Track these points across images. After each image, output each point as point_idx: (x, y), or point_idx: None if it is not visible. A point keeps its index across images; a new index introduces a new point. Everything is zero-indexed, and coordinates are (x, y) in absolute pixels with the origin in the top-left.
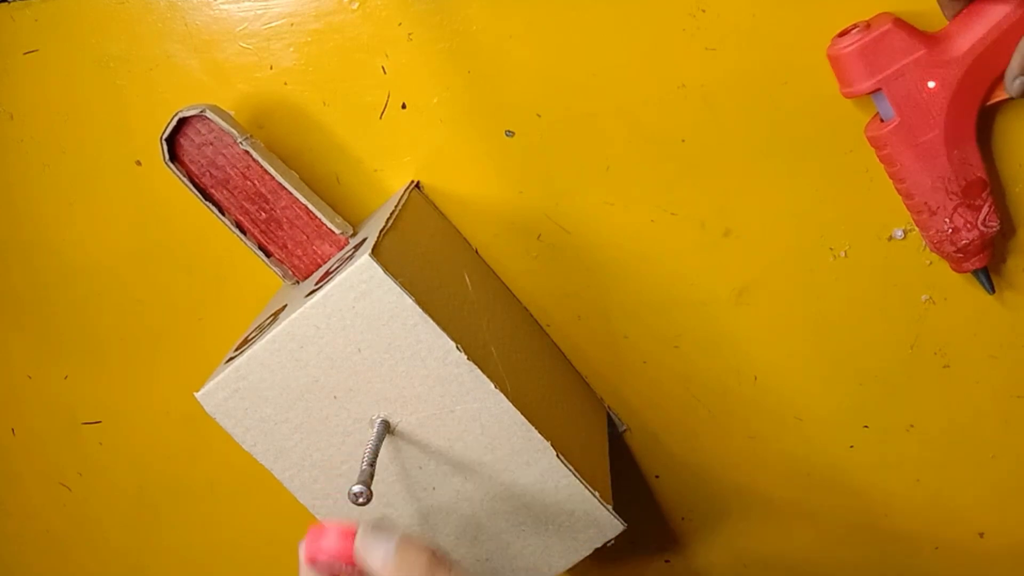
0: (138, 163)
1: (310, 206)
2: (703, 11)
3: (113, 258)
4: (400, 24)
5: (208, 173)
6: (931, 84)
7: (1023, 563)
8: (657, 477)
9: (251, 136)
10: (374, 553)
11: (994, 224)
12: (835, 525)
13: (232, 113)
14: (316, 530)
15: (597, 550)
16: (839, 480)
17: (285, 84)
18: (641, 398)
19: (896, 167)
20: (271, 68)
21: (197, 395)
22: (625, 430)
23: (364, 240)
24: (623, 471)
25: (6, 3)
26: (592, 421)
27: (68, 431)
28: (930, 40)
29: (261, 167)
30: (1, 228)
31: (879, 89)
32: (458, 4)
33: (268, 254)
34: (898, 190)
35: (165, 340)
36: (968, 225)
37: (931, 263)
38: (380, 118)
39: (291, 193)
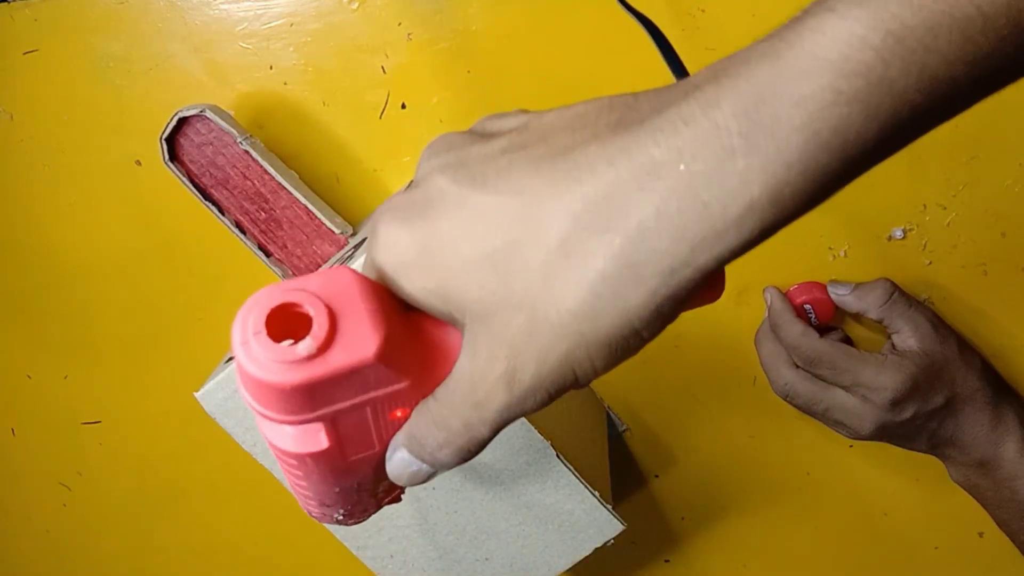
0: (138, 163)
1: (310, 206)
2: (703, 11)
3: (113, 258)
4: (400, 24)
5: (208, 173)
6: (399, 414)
7: (1023, 563)
8: (657, 477)
9: (251, 136)
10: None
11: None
12: (835, 525)
13: (232, 113)
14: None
15: (597, 550)
16: (839, 480)
17: (285, 84)
18: (641, 398)
19: (309, 482)
20: (271, 68)
21: (196, 395)
22: (625, 430)
23: (364, 240)
24: (623, 471)
25: (6, 3)
26: (592, 421)
27: (68, 431)
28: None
29: (261, 167)
30: (1, 228)
31: (310, 416)
32: (458, 4)
33: (268, 254)
34: (288, 478)
35: (165, 340)
36: (365, 510)
37: (931, 263)
38: (380, 118)
39: (291, 193)
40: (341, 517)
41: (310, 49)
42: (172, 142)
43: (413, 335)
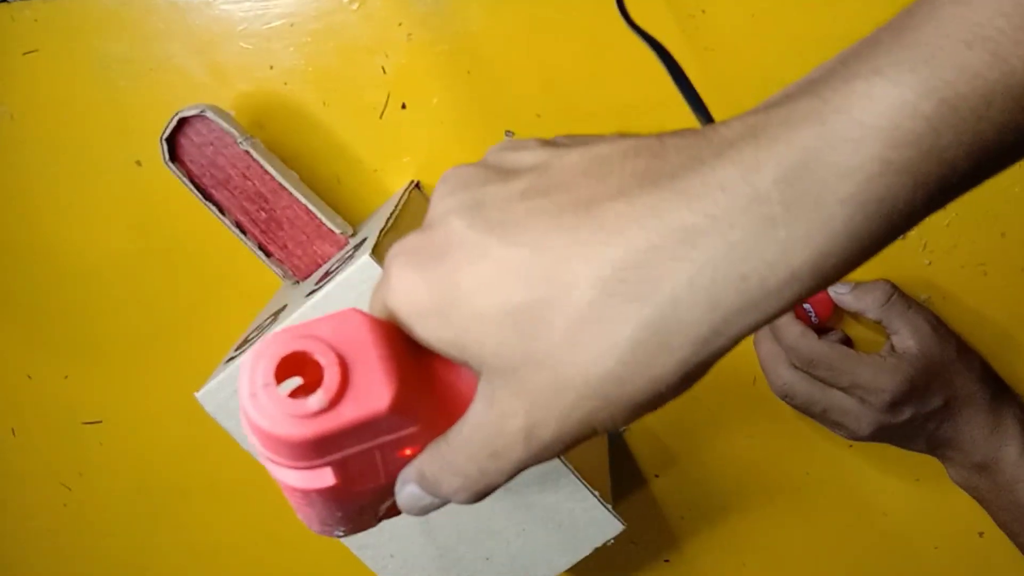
0: (138, 163)
1: (310, 206)
2: (703, 11)
3: (113, 258)
4: (400, 24)
5: (208, 173)
6: (408, 451)
7: (1023, 563)
8: (657, 477)
9: (251, 136)
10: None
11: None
12: (834, 525)
13: (232, 113)
14: None
15: (597, 549)
16: (838, 480)
17: (285, 84)
18: None
19: (313, 509)
20: (271, 68)
21: (197, 395)
22: (625, 430)
23: (364, 240)
24: (623, 471)
25: (6, 3)
26: None
27: (68, 431)
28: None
29: (261, 167)
30: (1, 228)
31: (318, 463)
32: (458, 5)
33: (268, 254)
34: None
35: (165, 340)
36: (367, 524)
37: (930, 263)
38: (380, 118)
39: (291, 193)
40: (341, 533)
41: (310, 49)
42: (172, 142)
43: (425, 378)
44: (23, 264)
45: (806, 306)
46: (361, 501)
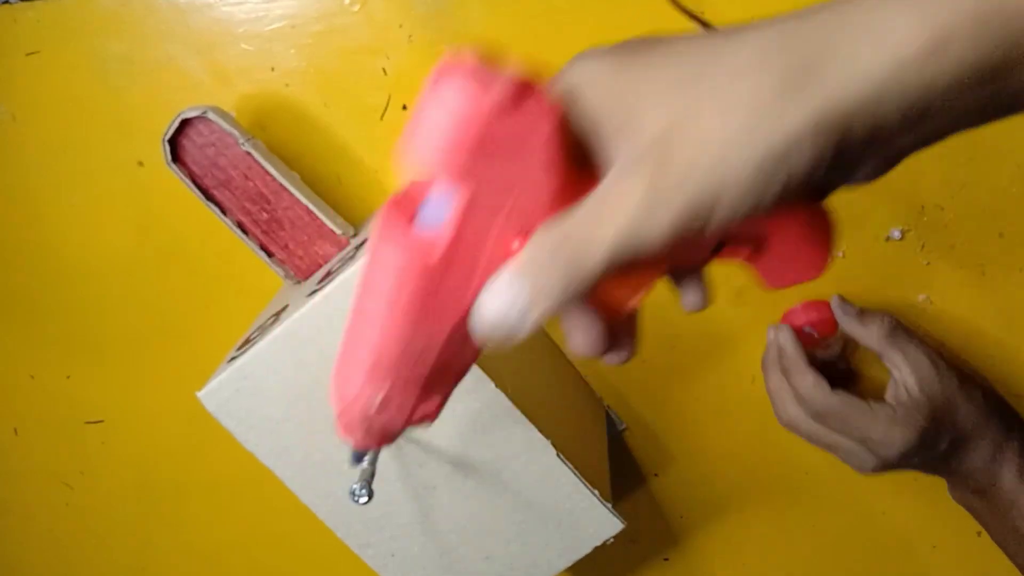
0: (140, 164)
1: (311, 207)
2: (702, 12)
3: (115, 258)
4: (401, 26)
5: (210, 174)
6: (515, 244)
7: None
8: (656, 476)
9: (253, 137)
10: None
11: (428, 422)
12: (834, 524)
13: (234, 114)
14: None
15: (597, 549)
16: (838, 480)
17: (287, 85)
18: (641, 398)
19: (376, 300)
20: (273, 70)
21: (199, 395)
22: (624, 429)
23: (365, 240)
24: (623, 470)
25: (8, 4)
26: (592, 420)
27: (70, 431)
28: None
29: (263, 168)
30: (3, 228)
31: (461, 183)
32: (459, 6)
33: (270, 254)
34: (353, 309)
35: (167, 340)
36: (401, 408)
37: (929, 263)
38: (381, 119)
39: (292, 194)
40: (376, 407)
41: (312, 51)
42: (174, 143)
43: (573, 177)
44: (25, 264)
45: (808, 328)
46: (432, 331)
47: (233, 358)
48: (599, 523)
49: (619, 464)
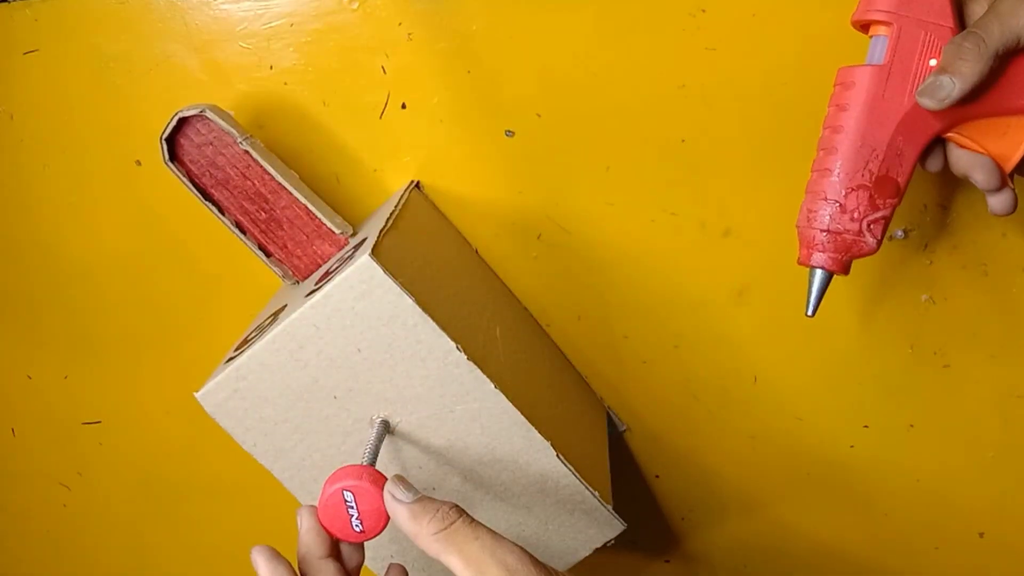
0: (138, 163)
1: (310, 206)
2: (703, 11)
3: (113, 258)
4: (400, 24)
5: (208, 173)
6: (932, 62)
7: (1023, 563)
8: (657, 477)
9: (251, 136)
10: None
11: (873, 239)
12: (835, 525)
13: (232, 113)
14: (344, 469)
15: (597, 550)
16: (839, 480)
17: (285, 84)
18: (641, 398)
19: (844, 112)
20: (271, 68)
21: (197, 395)
22: (625, 430)
23: (364, 240)
24: (623, 471)
25: (6, 3)
26: (592, 421)
27: (68, 431)
28: (962, 25)
29: (261, 167)
30: (1, 228)
31: (889, 26)
32: (458, 4)
33: (268, 254)
34: (823, 137)
35: (165, 340)
36: (854, 214)
37: (931, 263)
38: (380, 118)
39: (291, 193)
40: (833, 216)
41: (310, 49)
42: (172, 142)
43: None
44: (23, 264)
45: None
46: (884, 128)
47: (231, 358)
48: (600, 525)
49: (620, 465)
